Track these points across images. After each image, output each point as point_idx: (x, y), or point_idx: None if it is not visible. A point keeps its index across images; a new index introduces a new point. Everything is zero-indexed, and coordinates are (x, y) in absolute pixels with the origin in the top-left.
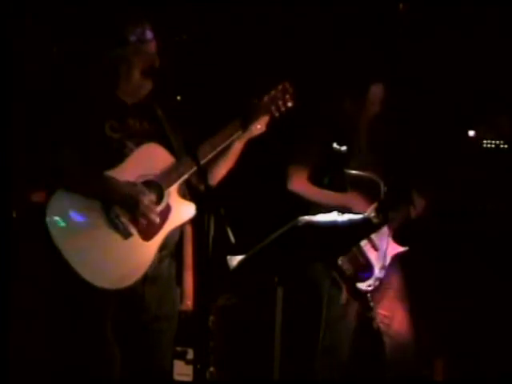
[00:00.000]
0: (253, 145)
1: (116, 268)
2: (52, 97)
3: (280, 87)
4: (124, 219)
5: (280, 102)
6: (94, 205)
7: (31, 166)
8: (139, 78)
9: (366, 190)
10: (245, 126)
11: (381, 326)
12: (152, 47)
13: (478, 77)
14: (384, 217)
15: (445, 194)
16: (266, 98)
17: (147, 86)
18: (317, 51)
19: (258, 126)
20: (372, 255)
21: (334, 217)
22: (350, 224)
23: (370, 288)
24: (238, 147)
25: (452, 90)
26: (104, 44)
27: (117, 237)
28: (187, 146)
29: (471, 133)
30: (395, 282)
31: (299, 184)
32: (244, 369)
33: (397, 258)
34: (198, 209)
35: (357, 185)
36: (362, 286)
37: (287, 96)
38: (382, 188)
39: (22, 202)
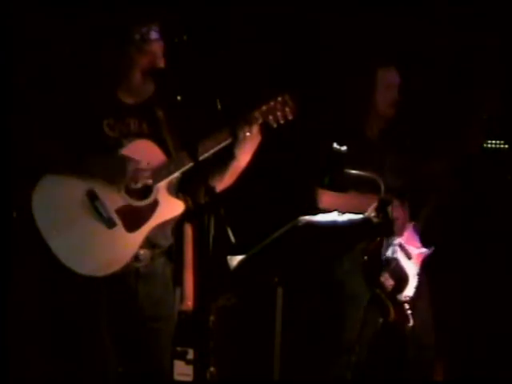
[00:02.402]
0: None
1: (97, 256)
2: (52, 93)
3: (280, 99)
4: (109, 208)
5: (279, 114)
6: (80, 193)
7: (24, 161)
8: (140, 78)
9: (366, 190)
10: (233, 135)
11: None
12: (156, 47)
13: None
14: (384, 217)
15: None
16: (264, 108)
17: (149, 86)
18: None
19: (247, 134)
20: (406, 264)
21: (333, 217)
22: (350, 224)
23: (408, 298)
24: (236, 168)
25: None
26: (107, 41)
27: (100, 226)
28: (186, 144)
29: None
30: (424, 285)
31: (329, 201)
32: (244, 369)
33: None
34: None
35: (357, 185)
36: (401, 296)
37: (287, 109)
38: (382, 187)
39: (22, 202)
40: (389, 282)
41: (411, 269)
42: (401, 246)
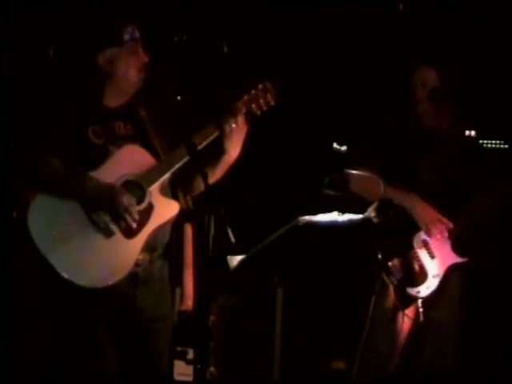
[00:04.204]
0: (253, 145)
1: (99, 267)
2: (38, 100)
3: (260, 86)
4: (105, 218)
5: (261, 101)
6: (76, 205)
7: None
8: (136, 76)
9: (367, 190)
10: (219, 128)
11: (425, 328)
12: (141, 45)
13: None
14: (384, 216)
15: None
16: (245, 97)
17: (140, 84)
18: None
19: (233, 125)
20: (427, 262)
21: (333, 217)
22: (350, 224)
23: (419, 294)
24: (227, 161)
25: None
26: (99, 44)
27: (99, 236)
28: (180, 139)
29: (472, 133)
30: (450, 289)
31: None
32: (244, 369)
33: (455, 267)
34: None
35: (358, 184)
36: (412, 291)
37: (268, 95)
38: (382, 187)
39: (22, 202)
40: (396, 268)
41: (432, 269)
42: (424, 241)
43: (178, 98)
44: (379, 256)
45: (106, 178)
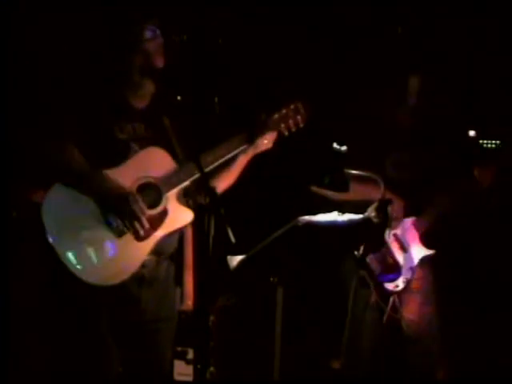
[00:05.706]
0: None
1: (105, 265)
2: (64, 94)
3: (292, 106)
4: (118, 218)
5: (291, 121)
6: (90, 202)
7: (32, 162)
8: (139, 78)
9: (367, 190)
10: (251, 140)
11: (406, 329)
12: (151, 46)
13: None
14: (384, 216)
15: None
16: (276, 116)
17: (149, 86)
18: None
19: (265, 141)
20: (400, 256)
21: (333, 217)
22: (350, 224)
23: (397, 289)
24: (242, 162)
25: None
26: (103, 44)
27: (109, 234)
28: (191, 152)
29: (471, 133)
30: (424, 285)
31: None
32: (244, 369)
33: (426, 260)
34: (197, 218)
35: (358, 184)
36: (390, 286)
37: (298, 117)
38: (382, 187)
39: (22, 201)
40: (374, 264)
41: (406, 262)
42: (395, 235)
43: (178, 97)
44: (356, 253)
45: (126, 176)
